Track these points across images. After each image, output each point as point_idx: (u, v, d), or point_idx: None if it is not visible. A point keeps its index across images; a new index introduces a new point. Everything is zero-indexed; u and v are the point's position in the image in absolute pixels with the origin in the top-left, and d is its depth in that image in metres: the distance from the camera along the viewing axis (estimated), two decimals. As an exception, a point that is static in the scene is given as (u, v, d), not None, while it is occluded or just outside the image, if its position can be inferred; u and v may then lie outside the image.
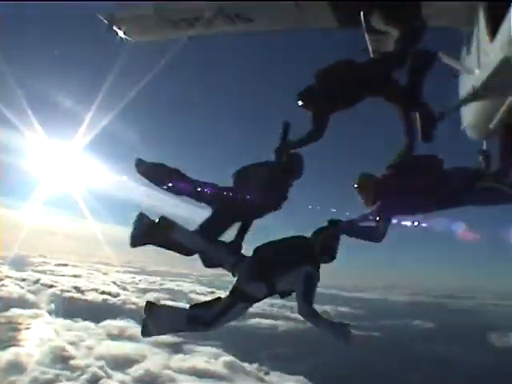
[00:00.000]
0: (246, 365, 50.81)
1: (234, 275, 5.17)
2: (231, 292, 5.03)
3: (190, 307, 5.18)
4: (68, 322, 60.66)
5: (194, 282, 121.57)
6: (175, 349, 55.52)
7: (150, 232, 5.19)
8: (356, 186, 5.32)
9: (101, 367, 43.32)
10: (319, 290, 4.86)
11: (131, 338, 59.45)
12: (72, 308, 69.48)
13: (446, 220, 5.65)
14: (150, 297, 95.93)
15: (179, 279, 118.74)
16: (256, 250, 5.14)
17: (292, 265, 4.81)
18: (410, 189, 5.00)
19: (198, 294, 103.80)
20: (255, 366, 51.08)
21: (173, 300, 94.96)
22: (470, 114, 6.18)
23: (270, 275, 4.87)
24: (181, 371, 46.36)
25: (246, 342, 61.22)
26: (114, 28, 7.48)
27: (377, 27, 6.04)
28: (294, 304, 4.67)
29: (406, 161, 5.43)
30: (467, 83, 5.90)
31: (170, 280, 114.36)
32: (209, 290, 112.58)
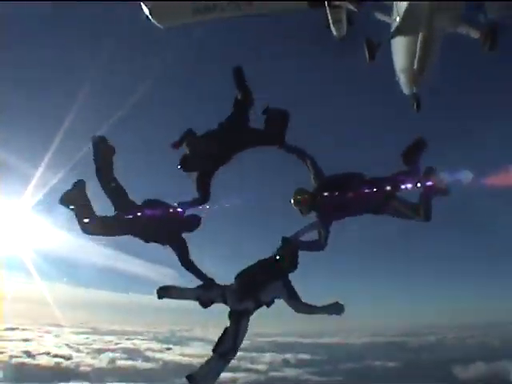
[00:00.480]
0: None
1: (225, 303, 6.21)
2: (230, 316, 6.06)
3: (215, 348, 6.09)
4: (18, 388, 57.68)
5: (151, 339, 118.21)
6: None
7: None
8: (292, 200, 6.39)
9: None
10: (277, 338, 6.00)
11: (86, 403, 57.23)
12: (22, 374, 66.32)
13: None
14: (106, 357, 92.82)
15: (135, 337, 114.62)
16: (237, 277, 6.26)
17: (268, 281, 5.98)
18: (336, 200, 5.87)
19: (154, 351, 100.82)
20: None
21: (130, 359, 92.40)
22: (398, 58, 8.32)
23: (253, 293, 5.96)
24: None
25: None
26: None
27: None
28: (254, 355, 5.84)
29: (332, 178, 6.47)
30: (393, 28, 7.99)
31: (126, 339, 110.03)
32: (165, 346, 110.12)
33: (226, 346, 6.03)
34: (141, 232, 6.63)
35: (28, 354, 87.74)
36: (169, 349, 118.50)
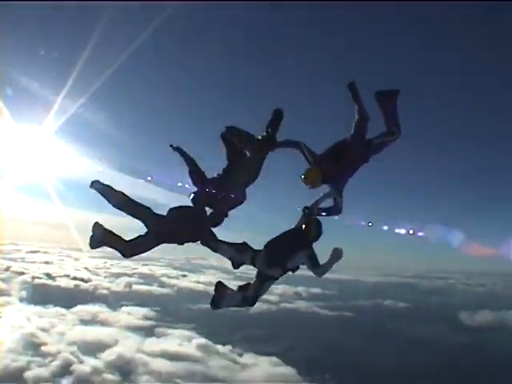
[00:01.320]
0: (219, 347, 51.19)
1: (254, 266, 6.56)
2: (257, 277, 6.55)
3: (239, 290, 6.65)
4: (39, 308, 60.47)
5: (166, 265, 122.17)
6: (147, 333, 56.06)
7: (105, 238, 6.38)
8: (303, 176, 6.52)
9: (72, 353, 43.42)
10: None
11: (103, 323, 59.82)
12: (43, 294, 69.00)
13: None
14: (123, 281, 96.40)
15: (151, 263, 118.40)
16: (265, 246, 6.58)
17: (294, 250, 6.37)
18: (340, 166, 6.47)
19: (169, 277, 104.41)
20: (228, 347, 51.72)
21: (146, 284, 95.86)
22: None
23: (280, 261, 6.40)
24: (153, 355, 46.41)
25: (218, 324, 62.10)
26: None
27: None
28: None
29: (328, 151, 6.59)
30: None
31: (143, 264, 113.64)
32: (180, 273, 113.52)
33: (248, 294, 6.43)
34: (173, 238, 6.67)
35: (49, 275, 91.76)
36: (184, 276, 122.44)
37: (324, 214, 6.78)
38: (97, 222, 6.38)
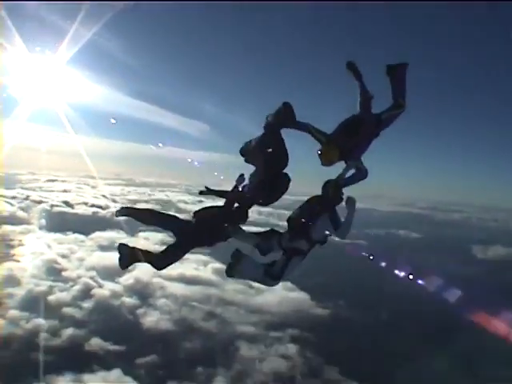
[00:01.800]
0: (234, 271, 52.28)
1: (282, 248, 6.14)
2: (284, 252, 6.10)
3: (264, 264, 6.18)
4: (59, 235, 62.02)
5: (183, 191, 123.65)
6: (164, 257, 57.65)
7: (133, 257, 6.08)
8: (320, 153, 6.21)
9: (92, 277, 44.90)
10: (304, 198, 6.39)
11: (121, 249, 61.41)
12: (62, 222, 70.59)
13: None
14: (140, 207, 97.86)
15: (168, 189, 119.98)
16: (288, 219, 6.27)
17: (315, 217, 6.10)
18: (355, 141, 6.38)
19: (186, 203, 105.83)
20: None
21: (163, 210, 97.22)
22: None
23: (303, 231, 6.07)
24: (170, 279, 47.77)
25: (234, 249, 63.11)
26: None
27: None
28: (281, 212, 6.17)
29: (342, 126, 6.42)
30: None
31: (159, 190, 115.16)
32: (197, 199, 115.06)
33: (274, 270, 6.13)
34: (202, 241, 6.46)
35: (67, 203, 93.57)
36: (200, 201, 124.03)
37: (351, 183, 6.58)
38: (121, 244, 6.18)
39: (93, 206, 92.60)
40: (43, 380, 27.74)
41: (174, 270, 51.26)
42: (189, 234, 6.20)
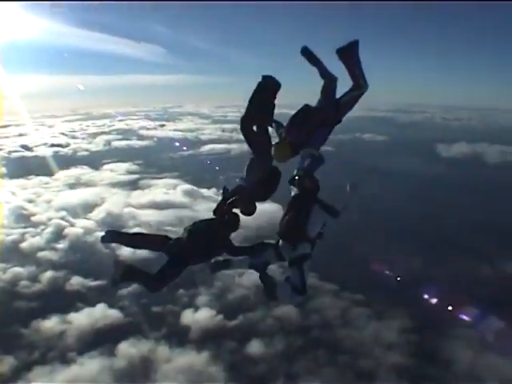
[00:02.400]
0: (204, 191, 52.34)
1: (282, 259, 5.79)
2: (290, 264, 5.67)
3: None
4: (22, 181, 60.77)
5: (143, 118, 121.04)
6: (132, 186, 57.10)
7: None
8: (273, 150, 6.03)
9: (63, 217, 44.26)
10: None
11: (87, 184, 60.68)
12: (23, 167, 68.79)
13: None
14: (101, 140, 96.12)
15: (127, 118, 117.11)
16: (278, 232, 5.87)
17: (306, 215, 5.69)
18: (305, 131, 6.18)
19: (147, 129, 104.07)
20: (213, 190, 53.13)
21: (125, 139, 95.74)
22: None
23: (300, 234, 5.64)
24: (141, 206, 47.72)
25: (202, 169, 63.31)
26: None
27: None
28: None
29: (289, 121, 6.21)
30: None
31: (119, 120, 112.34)
32: (158, 123, 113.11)
33: (297, 286, 5.68)
34: (196, 257, 5.98)
35: (25, 147, 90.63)
36: (162, 125, 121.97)
37: (313, 170, 6.29)
38: (117, 260, 6.00)
39: (52, 145, 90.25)
40: (30, 326, 28.10)
41: (143, 196, 51.39)
42: (183, 252, 5.86)
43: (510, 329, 24.75)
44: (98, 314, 29.40)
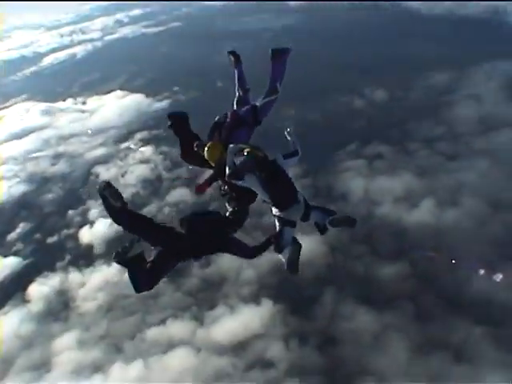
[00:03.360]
0: (59, 104, 50.37)
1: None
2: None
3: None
4: None
5: None
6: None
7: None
8: (205, 154, 6.11)
9: None
10: None
11: None
12: None
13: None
14: None
15: None
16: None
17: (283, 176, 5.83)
18: (226, 137, 6.46)
19: None
20: (70, 100, 51.11)
21: None
22: None
23: (289, 195, 5.85)
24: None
25: (49, 82, 59.84)
26: None
27: None
28: None
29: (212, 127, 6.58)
30: None
31: None
32: None
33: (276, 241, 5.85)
34: (194, 252, 5.87)
35: None
36: None
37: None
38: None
39: None
40: None
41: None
42: (182, 246, 5.69)
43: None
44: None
